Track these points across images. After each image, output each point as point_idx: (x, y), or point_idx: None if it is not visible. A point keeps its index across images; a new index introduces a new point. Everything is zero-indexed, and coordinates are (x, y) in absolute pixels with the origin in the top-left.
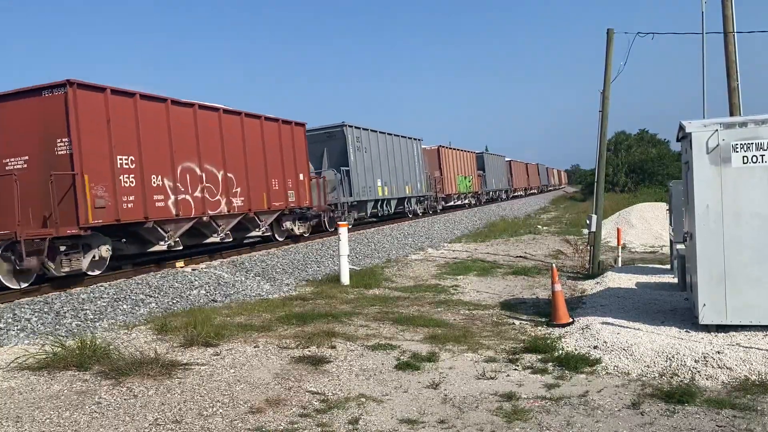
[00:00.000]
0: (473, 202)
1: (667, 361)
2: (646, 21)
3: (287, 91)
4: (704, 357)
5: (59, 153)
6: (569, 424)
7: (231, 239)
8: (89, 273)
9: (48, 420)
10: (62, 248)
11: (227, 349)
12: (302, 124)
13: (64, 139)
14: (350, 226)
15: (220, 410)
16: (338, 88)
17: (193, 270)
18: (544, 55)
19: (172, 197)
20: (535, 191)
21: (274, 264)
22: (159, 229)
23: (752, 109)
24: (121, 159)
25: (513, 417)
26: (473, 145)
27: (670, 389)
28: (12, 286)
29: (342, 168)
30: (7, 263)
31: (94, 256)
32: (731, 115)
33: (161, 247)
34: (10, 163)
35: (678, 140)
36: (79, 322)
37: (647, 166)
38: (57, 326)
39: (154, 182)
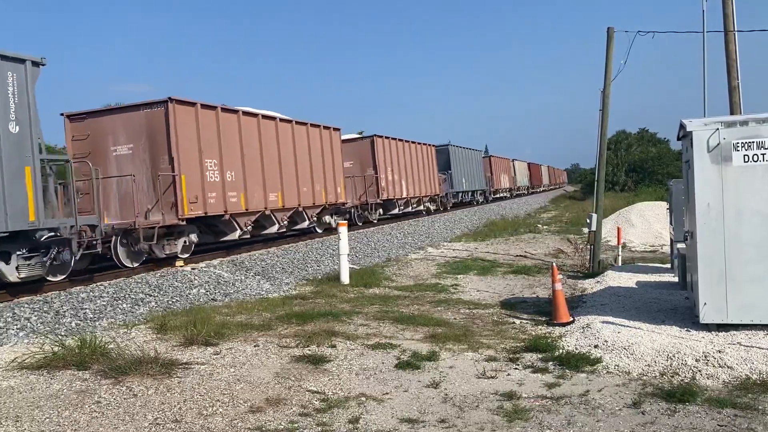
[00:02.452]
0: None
1: (667, 360)
2: (646, 20)
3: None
4: (705, 356)
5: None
6: (570, 424)
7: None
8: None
9: (48, 419)
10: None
11: (227, 348)
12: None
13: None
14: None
15: (220, 409)
16: (338, 87)
17: (192, 269)
18: (544, 55)
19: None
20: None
21: (274, 263)
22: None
23: (753, 108)
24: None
25: (514, 416)
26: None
27: (671, 388)
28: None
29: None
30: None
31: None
32: (732, 113)
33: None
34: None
35: (679, 139)
36: (79, 321)
37: (647, 165)
38: (57, 325)
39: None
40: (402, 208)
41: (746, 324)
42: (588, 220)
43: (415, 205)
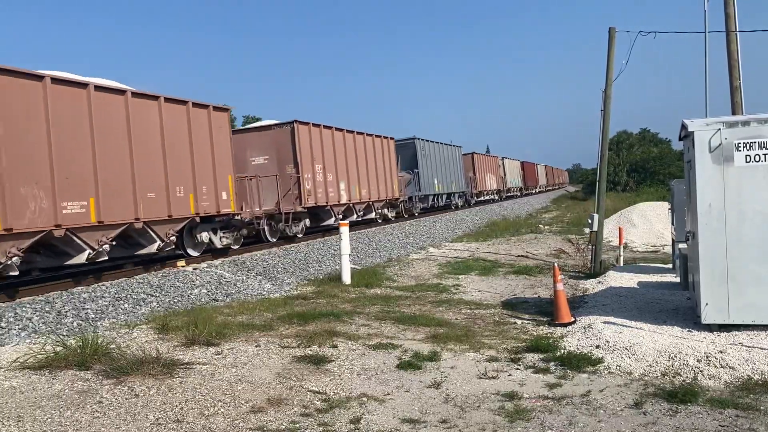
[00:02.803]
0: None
1: (669, 360)
2: (648, 20)
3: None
4: (707, 356)
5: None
6: (571, 424)
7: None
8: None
9: (49, 419)
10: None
11: (229, 348)
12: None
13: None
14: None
15: (222, 410)
16: (337, 86)
17: (194, 269)
18: (545, 56)
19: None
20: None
21: (276, 263)
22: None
23: (755, 108)
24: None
25: (515, 416)
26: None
27: (672, 389)
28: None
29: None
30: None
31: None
32: (733, 113)
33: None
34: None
35: (680, 139)
36: (81, 322)
37: (649, 165)
38: (58, 325)
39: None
40: (339, 217)
41: (748, 324)
42: (589, 221)
43: (362, 213)
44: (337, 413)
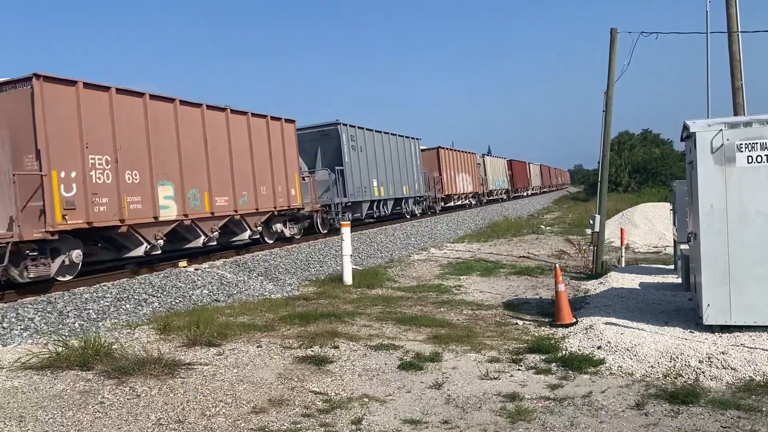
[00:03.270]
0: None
1: (671, 361)
2: (649, 20)
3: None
4: (708, 357)
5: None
6: (573, 425)
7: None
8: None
9: (51, 420)
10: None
11: (230, 348)
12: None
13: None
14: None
15: (223, 410)
16: (337, 86)
17: (195, 270)
18: (546, 56)
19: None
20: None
21: (277, 264)
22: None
23: (756, 109)
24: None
25: (516, 417)
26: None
27: (674, 390)
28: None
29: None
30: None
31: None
32: (735, 114)
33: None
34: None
35: (682, 140)
36: (82, 322)
37: (650, 166)
38: (60, 326)
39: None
40: (151, 246)
41: (750, 325)
42: (591, 221)
43: (217, 234)
44: (338, 414)
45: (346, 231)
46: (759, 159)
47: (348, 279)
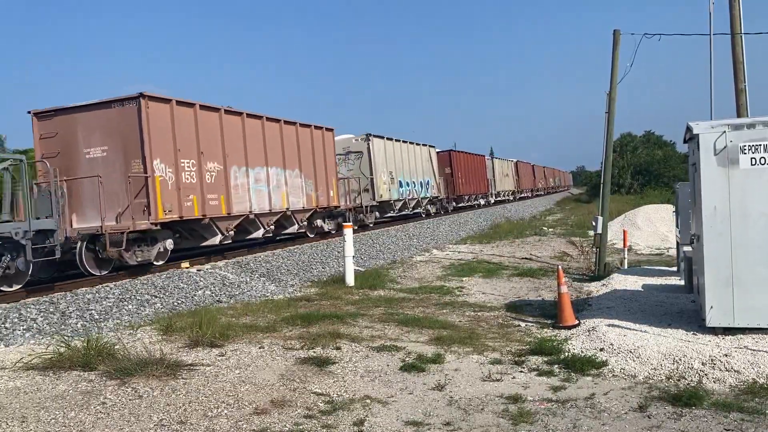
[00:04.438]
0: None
1: (674, 363)
2: (652, 22)
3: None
4: (711, 360)
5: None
6: (575, 427)
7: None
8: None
9: (53, 420)
10: None
11: (232, 349)
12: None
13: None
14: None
15: (225, 411)
16: (338, 87)
17: (198, 270)
18: (548, 57)
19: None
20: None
21: (279, 265)
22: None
23: (760, 111)
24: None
25: (519, 419)
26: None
27: (677, 392)
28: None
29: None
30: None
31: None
32: (739, 116)
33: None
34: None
35: (685, 142)
36: (85, 322)
37: (653, 168)
38: (62, 326)
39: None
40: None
41: (753, 327)
42: (593, 223)
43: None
44: (340, 415)
45: (348, 232)
46: (762, 161)
47: (350, 280)
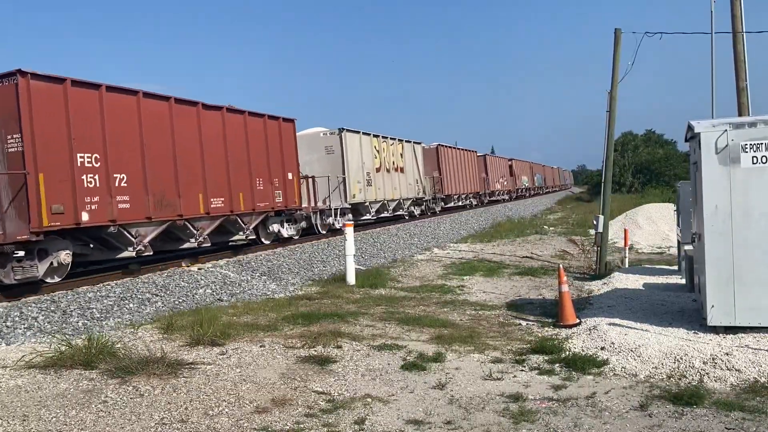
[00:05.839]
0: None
1: (675, 362)
2: (653, 21)
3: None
4: (713, 359)
5: None
6: (576, 426)
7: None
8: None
9: (54, 419)
10: None
11: (233, 348)
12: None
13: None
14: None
15: (226, 410)
16: (338, 87)
17: (199, 269)
18: (549, 57)
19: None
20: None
21: (280, 263)
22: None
23: (761, 109)
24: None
25: (520, 418)
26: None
27: (678, 391)
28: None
29: None
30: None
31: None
32: (740, 115)
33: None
34: None
35: (686, 140)
36: (86, 321)
37: (654, 167)
38: (64, 325)
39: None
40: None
41: (754, 326)
42: (594, 222)
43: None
44: (341, 414)
45: (349, 231)
46: (764, 159)
47: (351, 279)
